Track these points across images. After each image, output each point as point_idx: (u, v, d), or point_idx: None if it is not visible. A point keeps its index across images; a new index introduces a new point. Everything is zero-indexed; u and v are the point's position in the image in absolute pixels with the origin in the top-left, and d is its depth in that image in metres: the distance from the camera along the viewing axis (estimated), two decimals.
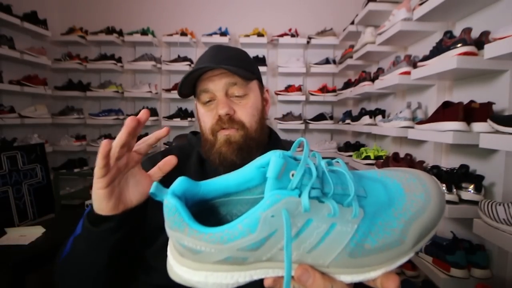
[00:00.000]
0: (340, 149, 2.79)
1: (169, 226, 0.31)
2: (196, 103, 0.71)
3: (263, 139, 0.70)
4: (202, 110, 0.68)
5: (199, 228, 0.29)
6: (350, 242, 0.30)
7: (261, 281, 0.34)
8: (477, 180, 1.15)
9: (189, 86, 0.67)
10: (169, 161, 0.52)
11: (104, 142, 0.43)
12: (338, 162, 0.34)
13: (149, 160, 0.72)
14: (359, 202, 0.31)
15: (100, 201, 0.47)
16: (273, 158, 0.29)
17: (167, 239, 0.37)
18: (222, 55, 0.67)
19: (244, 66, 0.66)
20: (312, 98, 2.99)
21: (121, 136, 0.45)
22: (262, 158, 0.33)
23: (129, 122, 0.44)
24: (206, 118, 0.67)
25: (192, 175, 0.66)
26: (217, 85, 0.65)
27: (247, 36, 2.98)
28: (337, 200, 0.30)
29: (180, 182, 0.32)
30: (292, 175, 0.29)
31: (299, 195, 0.29)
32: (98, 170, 0.44)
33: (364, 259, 0.30)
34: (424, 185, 0.34)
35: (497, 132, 0.96)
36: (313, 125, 2.97)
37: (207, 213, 0.32)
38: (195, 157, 0.72)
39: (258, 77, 0.71)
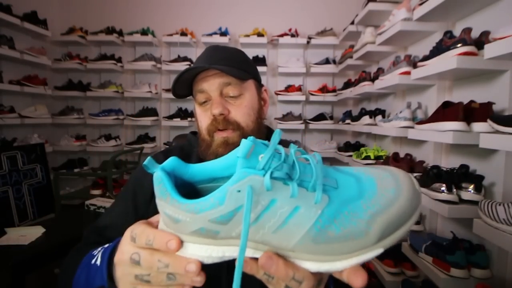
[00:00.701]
0: (340, 149, 2.79)
1: (157, 195, 0.35)
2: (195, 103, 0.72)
3: (261, 139, 0.70)
4: (198, 110, 0.68)
5: (178, 198, 0.33)
6: (313, 227, 0.31)
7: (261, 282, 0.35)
8: (477, 180, 1.15)
9: (185, 87, 0.68)
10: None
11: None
12: (315, 155, 0.35)
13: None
14: (328, 191, 0.33)
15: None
16: (243, 141, 0.32)
17: None
18: (217, 55, 0.67)
19: (239, 66, 0.66)
20: (312, 98, 2.99)
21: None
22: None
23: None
24: (202, 118, 0.67)
25: None
26: (211, 85, 0.65)
27: (247, 36, 2.98)
28: (303, 185, 0.32)
29: (170, 160, 0.36)
30: (261, 158, 0.32)
31: (264, 175, 0.31)
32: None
33: (327, 246, 0.31)
34: (397, 181, 0.34)
35: (497, 132, 0.96)
36: (313, 125, 2.97)
37: (196, 197, 0.34)
38: (195, 157, 0.73)
39: (254, 76, 0.71)
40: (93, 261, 0.51)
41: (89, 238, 0.65)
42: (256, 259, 0.34)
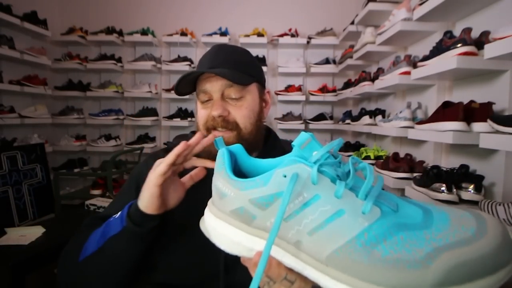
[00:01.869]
0: (340, 149, 2.78)
1: (215, 168, 0.38)
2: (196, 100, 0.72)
3: (259, 141, 0.70)
4: (199, 108, 0.69)
5: (230, 173, 0.36)
6: (356, 240, 0.27)
7: None
8: (477, 180, 1.15)
9: (189, 85, 0.68)
10: (200, 173, 0.59)
11: (183, 143, 0.51)
12: (378, 177, 0.33)
13: (152, 157, 0.74)
14: (385, 209, 0.29)
15: (153, 199, 0.52)
16: (301, 132, 0.33)
17: (169, 239, 0.57)
18: (222, 56, 0.67)
19: (243, 69, 0.66)
20: (312, 98, 2.99)
21: (196, 148, 0.55)
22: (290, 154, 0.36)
23: (196, 138, 0.54)
24: (200, 115, 0.68)
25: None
26: (214, 86, 0.65)
27: (247, 36, 2.98)
28: (353, 190, 0.30)
29: (237, 146, 0.40)
30: (315, 153, 0.32)
31: (313, 167, 0.30)
32: (165, 166, 0.50)
33: (368, 268, 0.26)
34: (481, 222, 0.27)
35: (497, 132, 0.96)
36: (313, 125, 2.97)
37: None
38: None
39: (258, 79, 0.70)
40: (110, 220, 0.58)
41: (92, 224, 0.65)
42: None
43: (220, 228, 0.35)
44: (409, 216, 0.28)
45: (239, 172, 0.39)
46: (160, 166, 0.51)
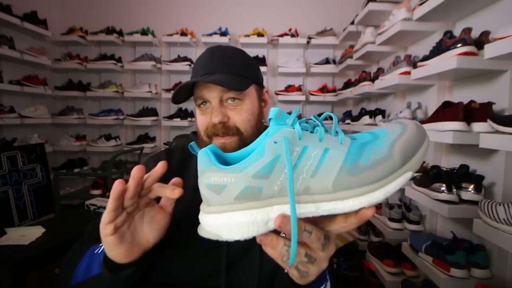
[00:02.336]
0: None
1: (201, 170, 0.39)
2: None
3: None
4: (198, 112, 0.68)
5: (222, 165, 0.38)
6: (345, 162, 0.36)
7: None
8: (477, 180, 1.15)
9: (185, 92, 0.67)
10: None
11: (117, 183, 0.41)
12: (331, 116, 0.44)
13: (153, 159, 0.73)
14: (352, 139, 0.39)
15: (111, 249, 0.45)
16: (271, 108, 0.40)
17: (168, 237, 0.51)
18: (217, 61, 0.66)
19: (239, 72, 0.65)
20: (312, 98, 2.99)
21: (129, 189, 0.43)
22: (266, 131, 0.40)
23: (135, 172, 0.44)
24: (201, 121, 0.67)
25: (195, 174, 0.67)
26: (211, 92, 0.64)
27: (247, 36, 2.97)
28: (326, 132, 0.39)
29: (212, 146, 0.42)
30: (288, 120, 0.39)
31: (294, 128, 0.38)
32: (107, 214, 0.43)
33: (362, 176, 0.36)
34: (401, 122, 0.41)
35: (497, 132, 0.96)
36: None
37: None
38: (196, 156, 0.73)
39: (255, 80, 0.70)
40: (96, 251, 0.54)
41: (93, 233, 0.64)
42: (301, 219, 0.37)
43: (229, 219, 0.36)
44: (363, 136, 0.40)
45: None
46: (102, 216, 0.44)
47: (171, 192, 0.46)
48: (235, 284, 0.61)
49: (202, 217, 0.39)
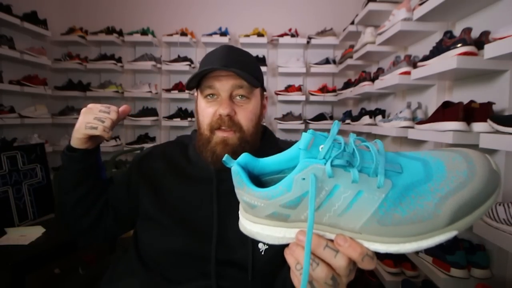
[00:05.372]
0: None
1: (235, 186, 0.39)
2: (196, 96, 0.73)
3: (257, 142, 0.72)
4: (203, 104, 0.69)
5: (253, 187, 0.37)
6: (378, 210, 0.33)
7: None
8: None
9: (196, 80, 0.69)
10: (125, 111, 0.70)
11: (122, 111, 0.69)
12: (376, 142, 0.37)
13: (152, 148, 0.80)
14: (391, 176, 0.34)
15: (79, 139, 0.66)
16: (303, 134, 0.36)
17: (149, 216, 0.70)
18: (233, 57, 0.68)
19: (252, 72, 0.67)
20: (312, 98, 2.99)
21: (117, 117, 0.67)
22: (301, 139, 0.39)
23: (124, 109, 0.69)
24: (205, 113, 0.68)
25: (193, 163, 0.74)
26: (224, 85, 0.66)
27: (247, 36, 2.97)
28: (364, 171, 0.34)
29: (243, 156, 0.41)
30: (321, 148, 0.35)
31: (325, 164, 0.34)
32: (103, 131, 0.63)
33: (394, 228, 0.32)
34: (470, 163, 0.33)
35: (497, 132, 0.96)
36: (313, 125, 2.97)
37: (268, 186, 0.38)
38: (192, 149, 0.76)
39: (261, 84, 0.73)
40: None
41: None
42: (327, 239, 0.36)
43: (262, 231, 0.38)
44: (413, 173, 0.34)
45: (252, 175, 0.41)
46: (97, 123, 0.64)
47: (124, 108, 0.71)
48: (226, 240, 0.65)
49: (241, 217, 0.41)
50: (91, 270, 1.00)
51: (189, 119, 3.02)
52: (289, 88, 3.03)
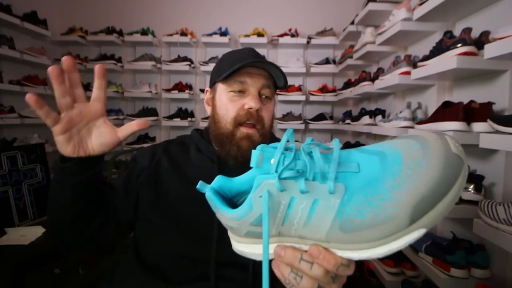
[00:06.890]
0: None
1: (213, 209, 0.39)
2: (213, 90, 0.74)
3: (268, 142, 0.75)
4: (225, 99, 0.70)
5: (226, 209, 0.37)
6: (337, 217, 0.31)
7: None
8: (477, 180, 1.15)
9: (230, 73, 0.69)
10: (143, 125, 0.59)
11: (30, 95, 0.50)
12: (333, 143, 0.36)
13: (150, 148, 0.78)
14: (347, 178, 0.31)
15: (60, 145, 0.55)
16: (252, 151, 0.35)
17: (148, 219, 0.67)
18: (263, 58, 0.72)
19: (283, 75, 0.71)
20: (312, 98, 2.99)
21: (56, 90, 0.53)
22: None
23: (51, 71, 0.51)
24: (230, 106, 0.69)
25: (194, 164, 0.74)
26: (255, 82, 0.68)
27: (247, 36, 2.97)
28: (316, 178, 0.32)
29: (216, 180, 0.40)
30: (273, 161, 0.34)
31: (275, 177, 0.33)
32: (46, 120, 0.54)
33: (357, 234, 0.30)
34: (426, 149, 0.29)
35: (497, 132, 0.96)
36: (313, 125, 2.97)
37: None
38: (193, 149, 0.77)
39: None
40: None
41: None
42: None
43: (247, 249, 0.39)
44: (370, 170, 0.31)
45: (229, 196, 0.42)
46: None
47: (142, 123, 0.57)
48: (226, 245, 0.64)
49: (230, 237, 0.42)
50: (91, 270, 1.00)
51: (189, 119, 3.02)
52: (289, 88, 3.03)
